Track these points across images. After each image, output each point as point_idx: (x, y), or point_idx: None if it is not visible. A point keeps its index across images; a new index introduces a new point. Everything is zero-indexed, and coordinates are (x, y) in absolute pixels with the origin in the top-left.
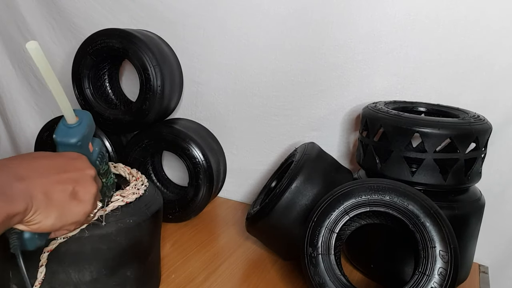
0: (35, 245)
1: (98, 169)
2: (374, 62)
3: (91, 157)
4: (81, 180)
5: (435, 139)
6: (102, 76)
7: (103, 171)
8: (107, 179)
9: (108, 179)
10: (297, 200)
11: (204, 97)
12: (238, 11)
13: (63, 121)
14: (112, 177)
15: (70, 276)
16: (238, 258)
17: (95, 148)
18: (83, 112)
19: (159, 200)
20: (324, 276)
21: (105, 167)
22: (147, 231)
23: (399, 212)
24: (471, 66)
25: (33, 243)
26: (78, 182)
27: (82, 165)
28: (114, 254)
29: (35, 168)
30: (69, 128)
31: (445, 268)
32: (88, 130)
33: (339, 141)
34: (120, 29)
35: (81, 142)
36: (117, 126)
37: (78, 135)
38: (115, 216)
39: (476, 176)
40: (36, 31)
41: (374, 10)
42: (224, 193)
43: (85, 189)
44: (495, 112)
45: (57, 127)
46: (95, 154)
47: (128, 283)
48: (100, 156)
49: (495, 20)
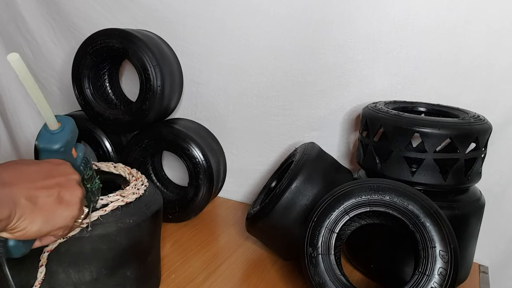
0: (20, 253)
1: (83, 175)
2: (374, 62)
3: (75, 163)
4: (67, 184)
5: (435, 139)
6: (102, 76)
7: (88, 176)
8: (91, 184)
9: (93, 184)
10: (297, 200)
11: (204, 97)
12: (238, 11)
13: (45, 127)
14: (97, 182)
15: (70, 276)
16: (238, 258)
17: (78, 154)
18: (65, 118)
19: (159, 200)
20: (324, 276)
21: (90, 172)
22: (147, 231)
23: (399, 212)
24: (471, 66)
25: (18, 250)
26: (63, 186)
27: (66, 170)
28: (114, 254)
29: (19, 174)
30: (52, 134)
31: (445, 268)
32: (71, 135)
33: (339, 141)
34: (120, 29)
35: (64, 148)
36: (117, 126)
37: (61, 141)
38: (115, 216)
39: (476, 176)
40: (35, 31)
41: (374, 10)
42: (224, 193)
43: (71, 193)
44: (495, 112)
45: (39, 133)
46: (79, 159)
47: (128, 283)
48: (84, 162)
49: (495, 20)
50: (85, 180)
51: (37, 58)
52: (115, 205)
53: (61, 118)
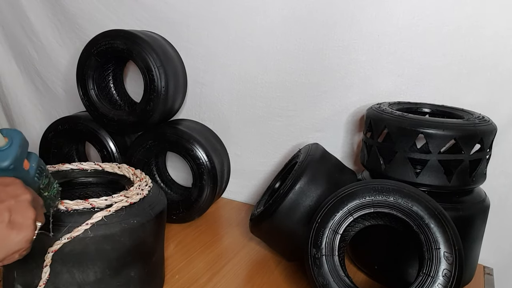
0: None
1: (38, 185)
2: (378, 63)
3: (28, 176)
4: (17, 207)
5: (439, 140)
6: (107, 77)
7: (44, 185)
8: (49, 192)
9: (51, 191)
10: (301, 201)
11: (208, 98)
12: (241, 13)
13: None
14: (55, 187)
15: (74, 276)
16: (242, 259)
17: (31, 165)
18: (13, 132)
19: (163, 200)
20: (328, 277)
21: (45, 180)
22: (151, 231)
23: (403, 213)
24: (476, 67)
25: None
26: (14, 210)
27: (16, 191)
28: (118, 255)
29: None
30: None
31: (450, 270)
32: (20, 150)
33: (343, 142)
34: (125, 30)
35: (13, 165)
36: (121, 127)
37: (10, 158)
38: (119, 216)
39: (481, 177)
40: (41, 32)
41: (378, 11)
42: (228, 194)
43: (23, 215)
44: (500, 113)
45: None
46: (33, 170)
47: (132, 284)
48: (38, 171)
49: (500, 21)
50: (41, 189)
51: (42, 59)
52: (119, 206)
53: (7, 132)
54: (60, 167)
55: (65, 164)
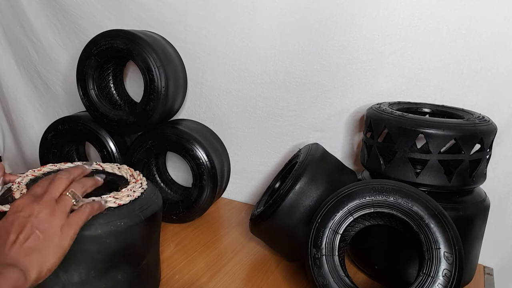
0: None
1: None
2: (378, 63)
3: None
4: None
5: (439, 140)
6: (107, 77)
7: None
8: None
9: None
10: (301, 201)
11: (208, 98)
12: (241, 12)
13: None
14: None
15: (58, 275)
16: (242, 259)
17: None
18: None
19: (157, 203)
20: (328, 277)
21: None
22: (139, 234)
23: (404, 213)
24: (476, 67)
25: None
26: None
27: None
28: (104, 256)
29: None
30: None
31: (450, 270)
32: None
33: (343, 142)
34: (125, 30)
35: None
36: (121, 127)
37: None
38: (105, 217)
39: (481, 177)
40: (40, 32)
41: (378, 11)
42: (228, 194)
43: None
44: (500, 113)
45: None
46: None
47: (119, 286)
48: None
49: (500, 21)
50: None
51: (42, 59)
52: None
53: None
54: (62, 166)
55: (66, 163)
